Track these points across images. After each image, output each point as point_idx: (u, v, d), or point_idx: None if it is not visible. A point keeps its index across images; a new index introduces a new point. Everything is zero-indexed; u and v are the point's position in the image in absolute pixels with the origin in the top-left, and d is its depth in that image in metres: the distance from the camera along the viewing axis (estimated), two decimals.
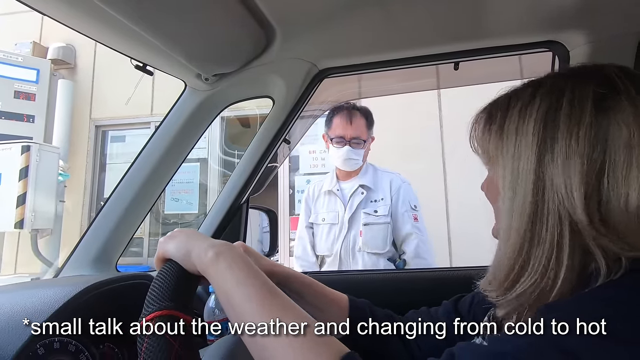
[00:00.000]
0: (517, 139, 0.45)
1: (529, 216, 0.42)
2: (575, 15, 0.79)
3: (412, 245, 1.59)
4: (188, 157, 1.02)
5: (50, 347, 0.63)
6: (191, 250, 0.50)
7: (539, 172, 0.42)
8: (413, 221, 1.61)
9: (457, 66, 0.95)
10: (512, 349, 0.37)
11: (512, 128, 0.46)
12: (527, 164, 0.43)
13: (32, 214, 3.61)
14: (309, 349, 0.40)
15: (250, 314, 0.43)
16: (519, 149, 0.44)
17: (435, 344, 0.65)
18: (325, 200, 1.73)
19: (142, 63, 0.84)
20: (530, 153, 0.43)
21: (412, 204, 1.64)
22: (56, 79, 4.62)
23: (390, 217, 1.61)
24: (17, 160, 3.60)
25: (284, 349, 0.40)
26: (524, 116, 0.45)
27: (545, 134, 0.43)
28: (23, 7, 0.63)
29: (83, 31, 0.72)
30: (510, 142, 0.45)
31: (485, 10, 0.79)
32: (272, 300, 0.44)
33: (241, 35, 0.80)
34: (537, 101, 0.45)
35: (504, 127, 0.47)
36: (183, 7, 0.65)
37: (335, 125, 1.66)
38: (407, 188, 1.66)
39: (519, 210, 0.43)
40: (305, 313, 0.44)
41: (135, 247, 4.46)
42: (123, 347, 0.77)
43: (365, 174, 1.69)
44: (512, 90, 0.51)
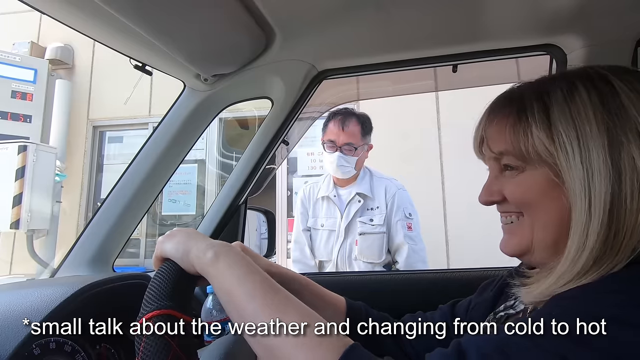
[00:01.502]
0: (578, 126, 0.41)
1: (610, 203, 0.39)
2: (573, 19, 0.79)
3: (404, 256, 1.56)
4: (186, 158, 1.02)
5: (46, 347, 0.62)
6: (190, 250, 0.50)
7: (615, 155, 0.40)
8: (406, 230, 1.58)
9: (455, 69, 0.95)
10: (517, 336, 0.37)
11: (565, 118, 0.42)
12: (598, 150, 0.40)
13: (28, 214, 3.59)
14: (314, 343, 0.40)
15: (253, 312, 0.43)
16: (584, 136, 0.41)
17: (431, 345, 0.65)
18: (324, 205, 1.72)
19: (142, 63, 0.84)
20: (598, 138, 0.40)
21: (406, 212, 1.61)
22: (54, 79, 4.60)
23: (386, 226, 1.59)
24: (14, 160, 3.58)
25: (289, 345, 0.40)
26: (575, 103, 0.42)
27: (610, 116, 0.41)
28: (22, 7, 0.62)
29: (83, 30, 0.72)
30: (570, 132, 0.42)
31: (484, 13, 0.80)
32: (274, 297, 0.44)
33: (241, 36, 0.80)
34: (580, 87, 0.43)
35: (551, 118, 0.43)
36: (183, 7, 0.65)
37: (329, 130, 1.64)
38: (402, 195, 1.63)
39: (599, 204, 0.40)
40: (307, 307, 0.44)
41: (132, 248, 4.44)
42: (119, 348, 0.76)
43: (362, 180, 1.67)
44: (520, 85, 0.49)
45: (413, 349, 0.66)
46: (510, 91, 0.50)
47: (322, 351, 0.39)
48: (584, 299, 0.38)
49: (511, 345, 0.36)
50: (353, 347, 0.40)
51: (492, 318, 0.56)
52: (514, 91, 0.50)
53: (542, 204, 0.45)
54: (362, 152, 1.65)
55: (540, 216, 0.45)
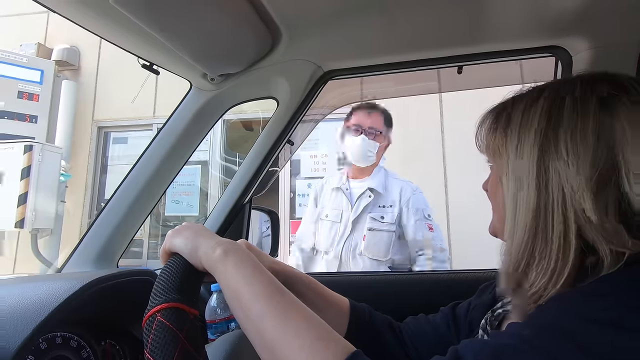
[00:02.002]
0: (521, 133, 0.45)
1: (534, 211, 0.42)
2: (578, 21, 0.80)
3: (430, 256, 1.59)
4: (189, 159, 1.02)
5: (53, 341, 0.63)
6: (198, 247, 0.50)
7: (543, 166, 0.43)
8: (427, 230, 1.60)
9: (460, 70, 0.95)
10: (513, 340, 0.37)
11: (515, 124, 0.47)
12: (530, 158, 0.44)
13: (33, 214, 3.61)
14: (317, 348, 0.40)
15: (258, 313, 0.43)
16: (522, 143, 0.45)
17: (432, 347, 0.65)
18: (332, 196, 1.72)
19: (149, 62, 0.85)
20: (532, 147, 0.44)
21: (425, 214, 1.63)
22: (60, 80, 4.65)
23: (397, 226, 1.60)
24: (20, 160, 3.60)
25: (292, 348, 0.40)
26: (527, 113, 0.46)
27: (547, 129, 0.43)
28: (29, 8, 0.64)
29: (92, 29, 0.72)
30: (514, 137, 0.46)
31: (489, 14, 0.80)
32: (280, 299, 0.44)
33: (247, 36, 0.81)
34: (541, 100, 0.46)
35: (509, 123, 0.48)
36: (191, 7, 0.66)
37: (353, 117, 1.69)
38: (419, 197, 1.65)
39: (524, 205, 0.43)
40: (312, 312, 0.44)
41: (135, 248, 4.45)
42: (124, 344, 0.77)
43: (375, 176, 1.68)
44: (517, 92, 0.52)
45: (416, 351, 0.67)
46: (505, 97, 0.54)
47: (325, 356, 0.39)
48: (576, 301, 0.38)
49: (507, 349, 0.36)
50: (355, 355, 0.40)
51: (490, 316, 0.56)
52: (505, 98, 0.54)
53: (494, 199, 0.53)
54: (383, 143, 1.68)
55: (495, 208, 0.53)
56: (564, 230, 0.41)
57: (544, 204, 0.42)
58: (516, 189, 0.45)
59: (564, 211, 0.41)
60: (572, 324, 0.36)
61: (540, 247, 0.42)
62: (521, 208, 0.44)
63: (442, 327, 0.66)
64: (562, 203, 0.41)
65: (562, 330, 0.36)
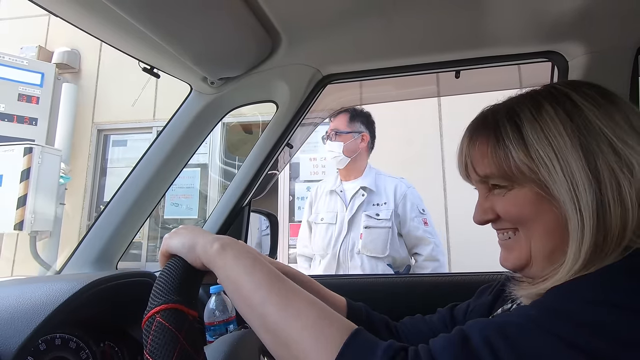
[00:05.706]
0: (553, 142, 0.44)
1: (597, 219, 0.42)
2: (574, 26, 0.81)
3: (428, 249, 1.61)
4: (189, 162, 1.03)
5: (52, 343, 0.63)
6: (196, 244, 0.50)
7: (593, 167, 0.43)
8: (424, 225, 1.63)
9: (458, 74, 0.96)
10: (520, 319, 0.38)
11: (537, 135, 0.45)
12: (579, 164, 0.43)
13: (32, 216, 3.60)
14: (320, 326, 0.40)
15: (260, 300, 0.43)
16: (561, 152, 0.44)
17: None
18: (327, 199, 1.75)
19: (150, 66, 0.85)
20: (577, 153, 0.43)
21: (420, 208, 1.65)
22: (60, 83, 4.66)
23: (393, 222, 1.61)
24: (19, 162, 3.60)
25: (296, 329, 0.40)
26: (544, 120, 0.45)
27: (579, 130, 0.44)
28: (30, 11, 0.64)
29: (93, 33, 0.73)
30: (545, 149, 0.44)
31: (487, 19, 0.81)
32: (280, 286, 0.45)
33: (247, 40, 0.82)
34: (547, 105, 0.46)
35: (526, 138, 0.46)
36: (191, 11, 0.67)
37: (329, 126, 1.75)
38: (413, 193, 1.68)
39: (588, 215, 0.42)
40: (312, 296, 0.45)
41: (134, 250, 4.44)
42: (123, 346, 0.77)
43: (367, 176, 1.71)
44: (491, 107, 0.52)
45: None
46: (484, 115, 0.53)
47: (329, 334, 0.39)
48: (583, 286, 0.40)
49: (513, 327, 0.37)
50: (358, 331, 0.40)
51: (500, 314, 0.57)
52: (487, 115, 0.52)
53: (535, 217, 0.47)
54: (351, 139, 1.69)
55: (536, 229, 0.47)
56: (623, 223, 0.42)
57: (601, 203, 0.42)
58: (576, 197, 0.43)
59: (620, 201, 0.42)
60: (580, 306, 0.37)
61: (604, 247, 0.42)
62: (585, 216, 0.42)
63: (438, 327, 0.67)
64: (618, 193, 0.42)
65: (569, 311, 0.37)
